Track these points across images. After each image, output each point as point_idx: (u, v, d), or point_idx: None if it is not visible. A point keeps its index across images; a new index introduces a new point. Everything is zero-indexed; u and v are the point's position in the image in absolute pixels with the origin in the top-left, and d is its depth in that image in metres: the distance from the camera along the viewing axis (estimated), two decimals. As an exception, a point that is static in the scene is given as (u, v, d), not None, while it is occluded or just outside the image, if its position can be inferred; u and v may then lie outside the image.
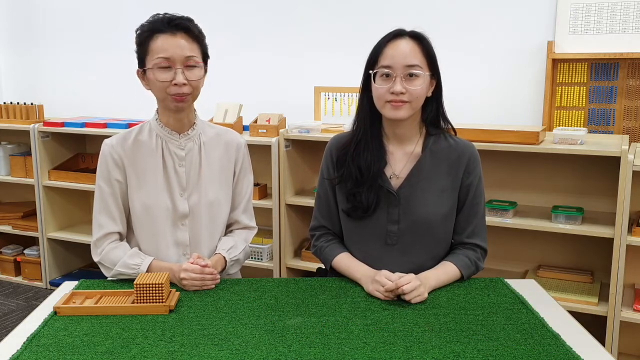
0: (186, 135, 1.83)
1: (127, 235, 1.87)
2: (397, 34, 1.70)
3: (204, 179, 1.84)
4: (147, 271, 1.73)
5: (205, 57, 1.79)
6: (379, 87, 1.68)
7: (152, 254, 1.80)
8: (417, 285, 1.58)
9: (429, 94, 1.73)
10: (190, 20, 1.75)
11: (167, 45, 1.69)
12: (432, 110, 1.76)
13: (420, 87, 1.67)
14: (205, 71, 1.79)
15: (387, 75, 1.67)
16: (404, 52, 1.66)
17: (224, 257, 1.82)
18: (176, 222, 1.82)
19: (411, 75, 1.66)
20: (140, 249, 1.83)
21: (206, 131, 1.88)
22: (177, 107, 1.76)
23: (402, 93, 1.66)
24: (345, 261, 1.79)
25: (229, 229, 1.95)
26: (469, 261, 1.76)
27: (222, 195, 1.88)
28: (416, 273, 1.66)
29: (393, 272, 1.64)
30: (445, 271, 1.73)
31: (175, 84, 1.70)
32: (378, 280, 1.62)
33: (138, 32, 1.74)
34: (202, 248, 1.86)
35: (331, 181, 1.82)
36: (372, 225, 1.77)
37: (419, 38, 1.69)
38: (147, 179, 1.80)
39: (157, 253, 1.81)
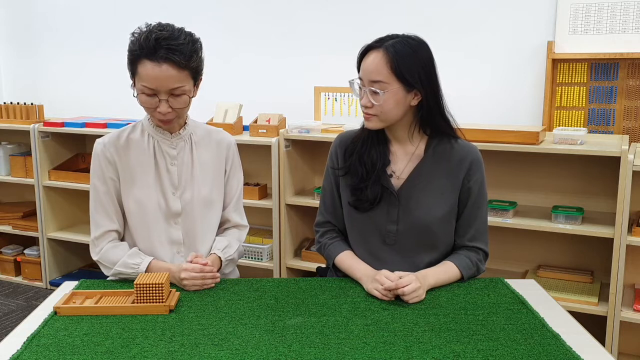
0: (178, 135, 1.84)
1: (124, 232, 1.88)
2: (369, 48, 1.68)
3: (196, 178, 1.85)
4: (146, 271, 1.74)
5: (196, 75, 1.72)
6: (358, 97, 1.72)
7: (147, 252, 1.81)
8: (417, 287, 1.58)
9: (413, 104, 1.69)
10: (178, 44, 1.63)
11: (152, 76, 1.64)
12: (425, 117, 1.72)
13: (385, 102, 1.65)
14: (197, 86, 1.76)
15: (360, 87, 1.70)
16: (369, 68, 1.66)
17: (220, 257, 1.83)
18: (169, 220, 1.83)
19: (374, 91, 1.65)
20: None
21: (197, 130, 1.89)
22: (162, 125, 1.78)
23: (367, 107, 1.68)
24: (347, 260, 1.80)
25: (220, 227, 1.96)
26: (470, 262, 1.76)
27: (215, 193, 1.89)
28: (414, 273, 1.66)
29: (392, 271, 1.64)
30: (445, 270, 1.73)
31: (159, 112, 1.70)
32: (377, 280, 1.62)
33: (129, 46, 1.67)
34: (197, 246, 1.86)
35: (338, 171, 1.83)
36: (372, 224, 1.77)
37: (390, 52, 1.63)
38: (139, 177, 1.81)
39: (152, 251, 1.82)
